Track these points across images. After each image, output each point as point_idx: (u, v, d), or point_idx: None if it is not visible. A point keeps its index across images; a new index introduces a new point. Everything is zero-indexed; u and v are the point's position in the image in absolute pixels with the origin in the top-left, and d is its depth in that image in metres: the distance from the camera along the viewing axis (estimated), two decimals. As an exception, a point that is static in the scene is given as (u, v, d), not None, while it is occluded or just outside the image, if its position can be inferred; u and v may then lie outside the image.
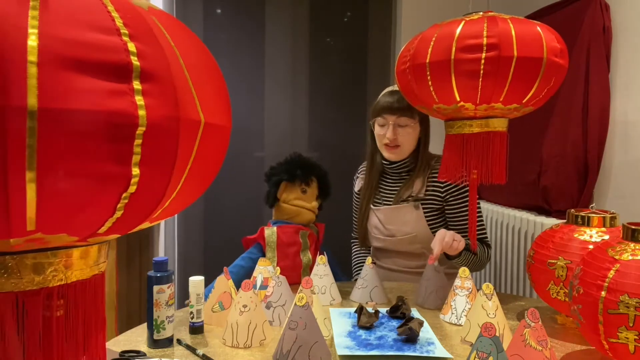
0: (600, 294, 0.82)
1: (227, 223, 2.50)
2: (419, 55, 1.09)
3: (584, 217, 1.08)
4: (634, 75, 1.56)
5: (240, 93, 2.50)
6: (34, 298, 0.42)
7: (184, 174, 0.46)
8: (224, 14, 2.52)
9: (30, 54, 0.35)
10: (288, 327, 0.92)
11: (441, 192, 1.48)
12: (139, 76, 0.39)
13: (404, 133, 1.47)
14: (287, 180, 1.53)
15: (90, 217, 0.41)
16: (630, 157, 1.57)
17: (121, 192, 0.40)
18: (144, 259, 2.01)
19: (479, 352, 0.79)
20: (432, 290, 1.24)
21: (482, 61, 1.01)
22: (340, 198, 1.81)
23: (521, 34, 1.02)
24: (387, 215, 1.54)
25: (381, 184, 1.60)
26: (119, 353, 0.96)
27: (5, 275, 0.41)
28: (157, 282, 1.00)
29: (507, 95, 1.06)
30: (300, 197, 1.52)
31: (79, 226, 0.41)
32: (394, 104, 1.46)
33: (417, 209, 1.49)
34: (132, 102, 0.39)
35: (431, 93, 1.11)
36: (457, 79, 1.05)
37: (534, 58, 1.02)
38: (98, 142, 0.38)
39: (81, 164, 0.38)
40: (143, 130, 0.40)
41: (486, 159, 1.16)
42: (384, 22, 2.60)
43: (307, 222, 1.55)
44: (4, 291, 0.41)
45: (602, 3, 1.65)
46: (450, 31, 1.05)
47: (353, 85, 2.62)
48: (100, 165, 0.38)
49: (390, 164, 1.56)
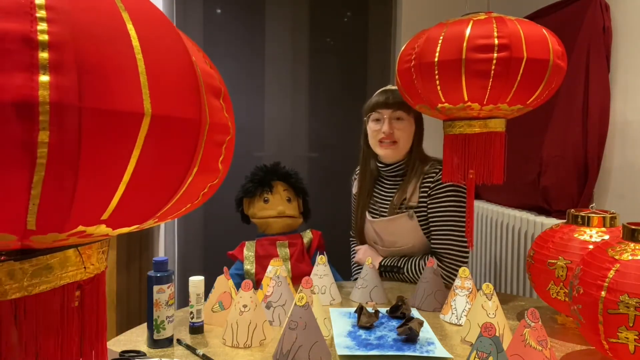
0: (600, 294, 0.82)
1: (227, 223, 2.50)
2: (427, 54, 1.08)
3: (584, 217, 1.08)
4: (634, 75, 1.56)
5: (240, 93, 2.50)
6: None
7: (126, 172, 0.40)
8: (224, 14, 2.52)
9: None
10: (288, 327, 0.92)
11: (426, 198, 1.45)
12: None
13: (400, 127, 1.44)
14: (245, 197, 1.54)
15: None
16: (630, 157, 1.57)
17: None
18: (144, 259, 2.01)
19: (479, 352, 0.79)
20: (431, 293, 1.24)
21: (493, 61, 1.01)
22: (340, 198, 1.81)
23: (529, 35, 1.03)
24: (383, 227, 1.51)
25: (376, 190, 1.57)
26: (119, 353, 0.96)
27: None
28: (157, 282, 1.00)
29: (514, 97, 1.07)
30: (264, 207, 1.52)
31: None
32: (389, 99, 1.44)
33: (412, 218, 1.45)
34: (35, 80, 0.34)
35: (438, 92, 1.10)
36: (467, 79, 1.04)
37: (541, 60, 1.03)
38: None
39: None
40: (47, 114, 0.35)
41: (486, 159, 1.16)
42: (384, 22, 2.60)
43: (283, 230, 1.54)
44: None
45: (602, 3, 1.65)
46: (460, 31, 1.04)
47: (353, 85, 2.62)
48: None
49: (385, 167, 1.52)
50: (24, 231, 0.38)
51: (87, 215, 0.40)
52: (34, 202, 0.36)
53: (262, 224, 1.54)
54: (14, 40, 0.34)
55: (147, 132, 0.39)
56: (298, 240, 1.53)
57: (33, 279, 0.41)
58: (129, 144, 0.38)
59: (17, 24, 0.34)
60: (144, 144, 0.39)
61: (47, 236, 0.39)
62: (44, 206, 0.36)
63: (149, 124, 0.39)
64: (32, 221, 0.37)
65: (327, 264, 1.31)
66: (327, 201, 2.50)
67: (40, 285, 0.42)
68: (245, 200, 1.56)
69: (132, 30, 0.39)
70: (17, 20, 0.34)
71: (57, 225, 0.39)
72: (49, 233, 0.39)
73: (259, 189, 1.53)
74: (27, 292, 0.41)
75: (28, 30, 0.34)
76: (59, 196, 0.37)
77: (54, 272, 0.43)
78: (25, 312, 0.41)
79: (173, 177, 0.44)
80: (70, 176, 0.36)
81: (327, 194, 2.52)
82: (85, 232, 0.41)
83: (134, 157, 0.39)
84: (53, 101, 0.34)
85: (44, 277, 0.42)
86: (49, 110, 0.34)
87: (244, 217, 1.59)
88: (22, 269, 0.41)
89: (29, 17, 0.34)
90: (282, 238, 1.51)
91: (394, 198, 1.49)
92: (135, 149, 0.39)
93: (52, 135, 0.34)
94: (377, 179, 1.57)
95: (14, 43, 0.34)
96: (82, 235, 0.42)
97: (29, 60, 0.34)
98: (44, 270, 0.42)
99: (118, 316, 1.74)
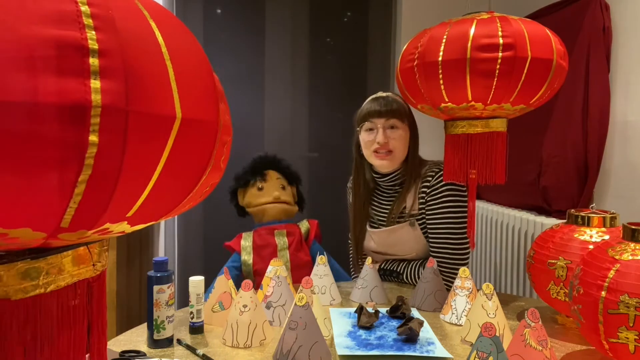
0: (600, 294, 0.82)
1: (227, 223, 2.49)
2: (430, 53, 1.07)
3: (584, 217, 1.08)
4: (634, 75, 1.56)
5: (240, 93, 2.50)
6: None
7: (156, 171, 0.42)
8: (224, 14, 2.52)
9: None
10: (288, 327, 0.92)
11: (424, 204, 1.41)
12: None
13: (395, 136, 1.39)
14: (240, 187, 1.54)
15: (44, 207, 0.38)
16: (630, 157, 1.57)
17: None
18: (144, 259, 2.01)
19: (479, 352, 0.79)
20: (431, 293, 1.24)
21: (498, 61, 1.01)
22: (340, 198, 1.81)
23: (533, 35, 1.02)
24: (383, 238, 1.48)
25: (374, 201, 1.52)
26: (119, 353, 0.96)
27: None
28: (157, 282, 1.00)
29: (518, 96, 1.07)
30: (259, 194, 1.52)
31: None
32: (382, 107, 1.39)
33: (414, 226, 1.42)
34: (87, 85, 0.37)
35: (441, 92, 1.09)
36: (472, 78, 1.04)
37: (545, 59, 1.03)
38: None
39: None
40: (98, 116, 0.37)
41: (488, 159, 1.16)
42: (384, 22, 2.60)
43: (280, 216, 1.52)
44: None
45: (602, 3, 1.65)
46: (464, 30, 1.04)
47: (353, 85, 2.62)
48: None
49: (382, 177, 1.48)
50: (56, 229, 0.39)
51: (117, 213, 0.41)
52: (75, 200, 0.37)
53: (258, 212, 1.52)
54: (67, 47, 0.35)
55: (177, 133, 0.41)
56: (296, 229, 1.53)
57: (48, 277, 0.42)
58: (163, 145, 0.41)
59: (68, 31, 0.36)
60: (173, 145, 0.42)
61: (75, 233, 0.40)
62: (83, 205, 0.38)
63: (179, 126, 0.42)
64: (68, 219, 0.38)
65: (327, 264, 1.31)
66: (327, 201, 2.50)
67: (56, 282, 0.43)
68: (239, 192, 1.55)
69: (160, 38, 0.41)
70: (68, 28, 0.36)
71: (89, 223, 0.40)
72: (78, 230, 0.40)
73: (252, 177, 1.53)
74: (44, 289, 0.42)
75: (79, 37, 0.36)
76: (99, 195, 0.38)
77: (67, 269, 0.44)
78: (41, 310, 0.42)
79: (192, 175, 0.47)
80: (113, 176, 0.38)
81: (327, 194, 2.52)
82: (108, 229, 0.43)
83: (163, 157, 0.41)
84: (105, 105, 0.36)
85: (59, 275, 0.43)
86: (100, 113, 0.36)
87: (240, 210, 1.58)
88: (37, 268, 0.42)
89: (77, 25, 0.36)
90: (280, 227, 1.50)
91: (393, 208, 1.45)
92: (166, 150, 0.41)
93: (101, 137, 0.36)
94: (373, 190, 1.53)
95: (67, 49, 0.35)
96: (105, 232, 0.43)
97: (81, 66, 0.36)
98: (58, 268, 0.43)
99: (118, 316, 1.73)
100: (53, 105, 0.34)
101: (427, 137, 1.55)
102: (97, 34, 0.36)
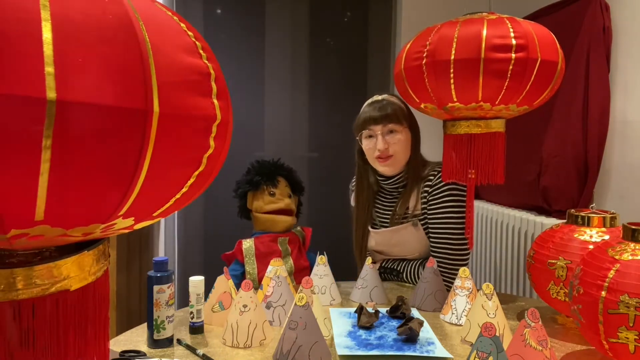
0: (600, 294, 0.82)
1: (227, 223, 2.49)
2: (441, 52, 1.05)
3: (584, 217, 1.08)
4: (634, 75, 1.56)
5: (240, 93, 2.50)
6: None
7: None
8: (224, 14, 2.52)
9: None
10: (288, 327, 0.92)
11: (426, 204, 1.41)
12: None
13: (394, 141, 1.38)
14: (252, 190, 1.53)
15: None
16: (630, 157, 1.57)
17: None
18: (144, 259, 2.01)
19: (479, 352, 0.79)
20: (431, 293, 1.24)
21: (511, 61, 1.01)
22: (340, 198, 1.81)
23: (540, 36, 1.03)
24: (386, 238, 1.48)
25: (377, 203, 1.52)
26: (119, 353, 0.96)
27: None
28: (157, 282, 1.00)
29: (524, 98, 1.07)
30: (271, 200, 1.52)
31: None
32: (378, 113, 1.38)
33: (417, 227, 1.42)
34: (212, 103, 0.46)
35: (451, 91, 1.08)
36: (484, 78, 1.03)
37: (552, 61, 1.03)
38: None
39: None
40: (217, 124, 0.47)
41: (489, 159, 1.16)
42: (384, 22, 2.60)
43: (286, 228, 1.54)
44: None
45: (602, 3, 1.65)
46: (476, 30, 1.03)
47: (353, 85, 2.62)
48: None
49: (386, 180, 1.48)
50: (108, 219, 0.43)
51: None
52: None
53: (267, 220, 1.52)
54: (201, 73, 0.45)
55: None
56: (296, 237, 1.55)
57: (70, 274, 0.44)
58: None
59: (196, 59, 0.45)
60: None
61: (88, 227, 0.43)
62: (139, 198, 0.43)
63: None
64: (123, 211, 0.43)
65: (327, 264, 1.31)
66: (327, 201, 2.50)
67: (76, 280, 0.45)
68: (249, 194, 1.55)
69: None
70: (195, 57, 0.45)
71: (147, 214, 0.47)
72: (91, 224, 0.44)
73: (266, 182, 1.52)
74: (67, 286, 0.44)
75: (204, 65, 0.46)
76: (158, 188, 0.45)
77: (86, 267, 0.46)
78: (66, 307, 0.44)
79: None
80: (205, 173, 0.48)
81: (327, 194, 2.52)
82: (115, 225, 0.46)
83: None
84: (222, 120, 0.47)
85: (79, 273, 0.45)
86: (218, 125, 0.46)
87: (245, 212, 1.58)
88: (58, 266, 0.43)
89: (198, 55, 0.45)
90: (282, 235, 1.52)
91: (396, 209, 1.46)
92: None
93: (216, 144, 0.47)
94: (377, 192, 1.53)
95: (201, 75, 0.45)
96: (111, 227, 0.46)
97: (208, 88, 0.45)
98: (78, 266, 0.45)
99: (118, 316, 1.73)
100: (201, 119, 0.44)
101: (425, 137, 1.55)
102: (208, 62, 0.46)
